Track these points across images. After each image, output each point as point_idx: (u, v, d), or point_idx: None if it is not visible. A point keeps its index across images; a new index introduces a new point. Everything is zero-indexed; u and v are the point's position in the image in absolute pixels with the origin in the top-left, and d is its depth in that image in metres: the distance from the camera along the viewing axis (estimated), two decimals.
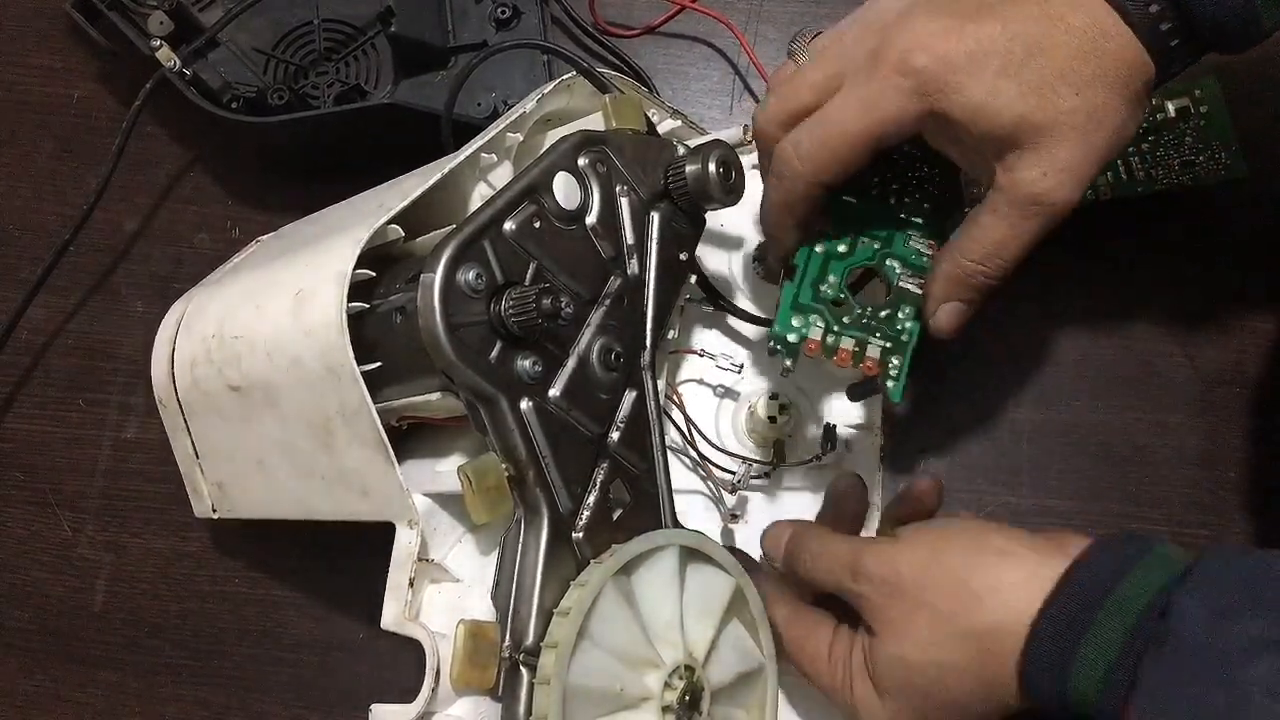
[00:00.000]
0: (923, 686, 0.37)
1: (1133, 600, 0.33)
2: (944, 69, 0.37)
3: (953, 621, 0.36)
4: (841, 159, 0.40)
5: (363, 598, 0.46)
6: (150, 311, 0.58)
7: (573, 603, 0.37)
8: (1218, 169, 0.52)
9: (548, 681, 0.36)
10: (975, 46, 0.37)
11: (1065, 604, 0.34)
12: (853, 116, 0.39)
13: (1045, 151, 0.38)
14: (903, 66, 0.38)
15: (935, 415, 0.53)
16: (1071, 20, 0.38)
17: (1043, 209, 0.38)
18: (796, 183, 0.41)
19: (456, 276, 0.37)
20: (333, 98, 0.55)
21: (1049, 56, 0.37)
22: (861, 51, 0.39)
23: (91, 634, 0.54)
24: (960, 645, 0.36)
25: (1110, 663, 0.33)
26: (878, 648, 0.38)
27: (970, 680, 0.36)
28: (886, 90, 0.38)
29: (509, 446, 0.38)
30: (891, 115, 0.38)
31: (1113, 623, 0.33)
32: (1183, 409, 0.52)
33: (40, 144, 0.62)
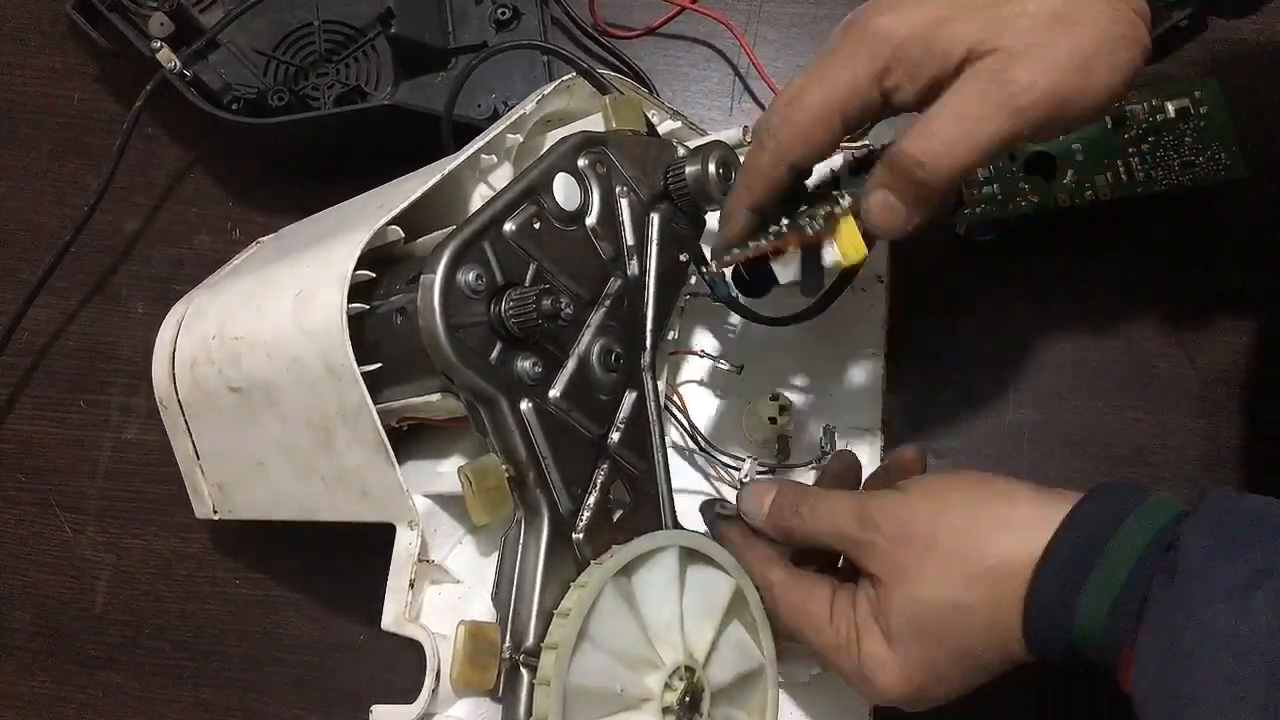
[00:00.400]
0: (936, 630, 0.37)
1: (1137, 535, 0.34)
2: (897, 19, 0.36)
3: (964, 562, 0.36)
4: (805, 132, 0.38)
5: (363, 599, 0.46)
6: (151, 312, 0.58)
7: (573, 603, 0.37)
8: (1218, 169, 0.52)
9: (548, 683, 0.36)
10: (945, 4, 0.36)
11: (1070, 541, 0.35)
12: (810, 85, 0.38)
13: (1010, 45, 0.34)
14: (860, 33, 0.37)
15: (935, 415, 0.53)
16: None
17: (1001, 91, 0.34)
18: (762, 159, 0.39)
19: (457, 277, 0.37)
20: (333, 99, 0.55)
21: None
22: (834, 39, 0.38)
23: (92, 635, 0.54)
24: (971, 585, 0.36)
25: (1115, 597, 0.33)
26: (888, 595, 0.38)
27: (981, 623, 0.36)
28: (841, 56, 0.37)
29: (509, 447, 0.38)
30: (848, 78, 0.37)
31: (1118, 556, 0.34)
32: (1183, 409, 0.52)
33: (41, 145, 0.62)
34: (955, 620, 0.36)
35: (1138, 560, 0.33)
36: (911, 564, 0.37)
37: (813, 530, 0.40)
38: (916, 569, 0.37)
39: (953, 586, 0.36)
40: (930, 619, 0.37)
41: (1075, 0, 0.36)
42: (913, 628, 0.37)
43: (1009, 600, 0.35)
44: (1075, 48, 0.35)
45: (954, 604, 0.36)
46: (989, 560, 0.36)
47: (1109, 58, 0.35)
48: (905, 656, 0.37)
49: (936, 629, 0.37)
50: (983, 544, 0.36)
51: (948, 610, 0.36)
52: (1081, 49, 0.35)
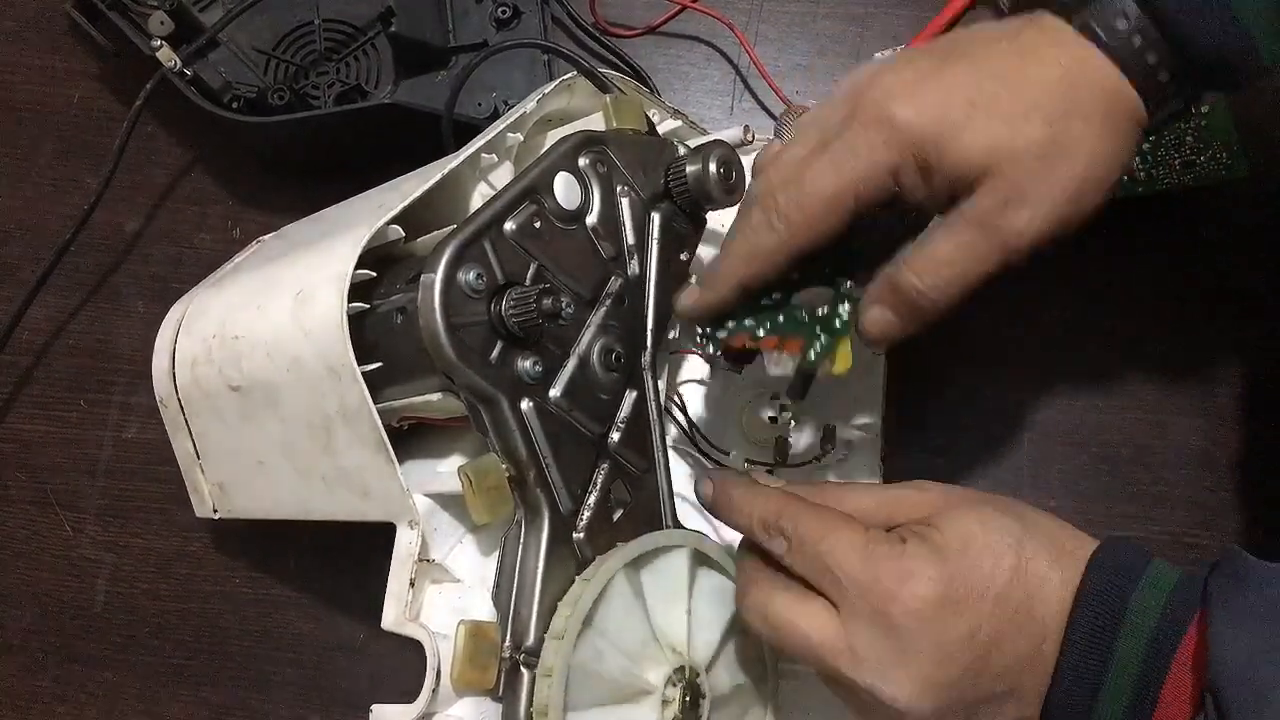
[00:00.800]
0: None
1: (1139, 637, 0.33)
2: (914, 114, 0.36)
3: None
4: (815, 219, 0.38)
5: (363, 598, 0.46)
6: (151, 311, 0.58)
7: (580, 591, 0.37)
8: (1218, 169, 0.52)
9: (550, 673, 0.36)
10: (946, 87, 0.36)
11: (1075, 656, 0.34)
12: (824, 176, 0.37)
13: (1010, 181, 0.36)
14: (874, 118, 0.37)
15: (935, 415, 0.53)
16: (1044, 53, 0.37)
17: (994, 236, 0.36)
18: (767, 239, 0.38)
19: (457, 277, 0.37)
20: (333, 98, 0.55)
21: (1021, 88, 0.36)
22: (838, 116, 0.38)
23: (92, 634, 0.54)
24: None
25: (1127, 704, 0.33)
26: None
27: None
28: (858, 144, 0.37)
29: (509, 447, 0.38)
30: (865, 169, 0.37)
31: (1126, 659, 0.33)
32: (1183, 409, 0.52)
33: (41, 144, 0.62)
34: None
35: (1145, 654, 0.33)
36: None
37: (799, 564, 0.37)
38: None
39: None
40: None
41: (1075, 118, 0.36)
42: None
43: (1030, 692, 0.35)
44: (1070, 181, 0.36)
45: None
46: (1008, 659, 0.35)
47: (1100, 183, 0.37)
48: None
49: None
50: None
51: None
52: (1076, 181, 0.36)
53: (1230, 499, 0.51)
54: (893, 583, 0.34)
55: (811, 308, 0.40)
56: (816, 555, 0.36)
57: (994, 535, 0.35)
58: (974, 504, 0.37)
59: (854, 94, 0.38)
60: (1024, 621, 0.35)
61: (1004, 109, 0.36)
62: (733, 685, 0.41)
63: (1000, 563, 0.35)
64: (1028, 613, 0.35)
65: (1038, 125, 0.36)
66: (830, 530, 0.36)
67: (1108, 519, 0.51)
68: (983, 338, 0.53)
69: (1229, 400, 0.52)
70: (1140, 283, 0.54)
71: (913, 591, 0.34)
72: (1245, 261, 0.54)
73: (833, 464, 0.48)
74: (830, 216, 0.38)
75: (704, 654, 0.40)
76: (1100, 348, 0.53)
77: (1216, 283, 0.54)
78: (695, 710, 0.39)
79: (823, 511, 0.37)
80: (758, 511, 0.38)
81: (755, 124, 0.55)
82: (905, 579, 0.35)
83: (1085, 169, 0.36)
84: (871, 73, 0.38)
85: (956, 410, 0.53)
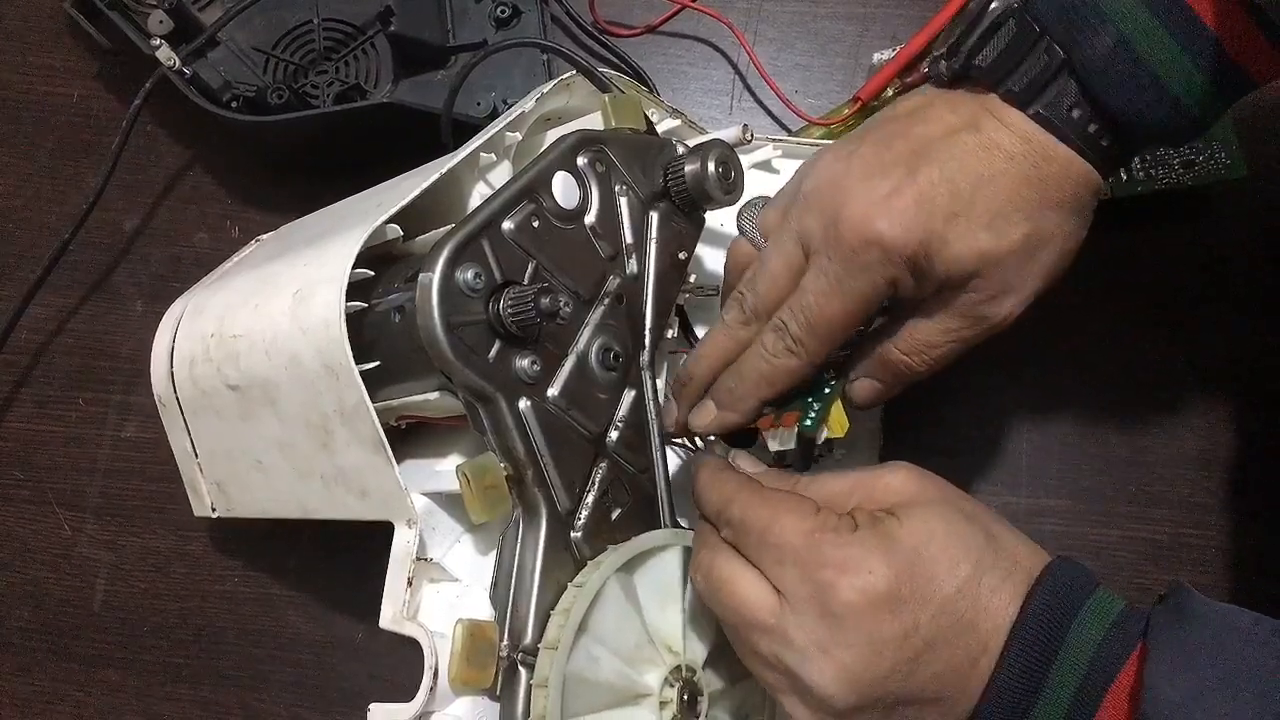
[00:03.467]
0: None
1: (1071, 673, 0.33)
2: (901, 231, 0.37)
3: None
4: (832, 339, 0.39)
5: (361, 597, 0.46)
6: (150, 310, 0.58)
7: (571, 602, 0.37)
8: (1218, 169, 0.52)
9: (545, 684, 0.36)
10: (925, 200, 0.37)
11: (1011, 673, 0.34)
12: (831, 302, 0.39)
13: (996, 279, 0.38)
14: (862, 239, 0.37)
15: (935, 415, 0.53)
16: (1010, 147, 0.38)
17: (981, 323, 0.39)
18: (788, 360, 0.40)
19: (455, 276, 0.37)
20: (332, 97, 0.55)
21: (995, 188, 0.38)
22: (816, 226, 0.39)
23: (91, 633, 0.54)
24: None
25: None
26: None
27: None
28: (854, 269, 0.38)
29: (507, 446, 0.38)
30: (867, 290, 0.38)
31: (1059, 688, 0.33)
32: (1183, 409, 0.52)
33: (40, 143, 0.62)
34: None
35: (1079, 685, 0.33)
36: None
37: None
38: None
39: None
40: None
41: (1048, 209, 0.38)
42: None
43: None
44: (1048, 266, 0.39)
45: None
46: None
47: (1071, 255, 0.40)
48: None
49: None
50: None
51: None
52: (1053, 264, 0.39)
53: (1228, 499, 0.51)
54: (834, 570, 0.34)
55: (811, 406, 0.41)
56: (761, 537, 0.36)
57: (954, 541, 0.35)
58: (943, 503, 0.36)
59: (827, 206, 0.39)
60: (964, 631, 0.34)
61: (984, 216, 0.37)
62: (731, 679, 0.41)
63: (954, 570, 0.35)
64: (970, 624, 0.34)
65: (1018, 225, 0.38)
66: (778, 513, 0.36)
67: (1107, 519, 0.51)
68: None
69: (1227, 400, 0.52)
70: (1140, 283, 0.54)
71: (852, 583, 0.34)
72: (1245, 261, 0.54)
73: (831, 465, 0.48)
74: (843, 333, 0.40)
75: (700, 651, 0.40)
76: (1100, 347, 0.53)
77: (1216, 283, 0.54)
78: (693, 709, 0.38)
79: (773, 496, 0.37)
80: (713, 496, 0.39)
81: (754, 123, 0.55)
82: (847, 568, 0.34)
83: (1060, 251, 0.39)
84: (836, 178, 0.39)
85: (956, 410, 0.53)
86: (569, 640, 0.36)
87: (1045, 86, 0.38)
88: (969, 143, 0.38)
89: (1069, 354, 0.53)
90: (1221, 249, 0.54)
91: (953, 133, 0.38)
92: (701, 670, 0.39)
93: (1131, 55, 0.36)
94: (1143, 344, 0.53)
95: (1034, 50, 0.38)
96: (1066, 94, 0.38)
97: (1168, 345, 0.53)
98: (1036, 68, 0.38)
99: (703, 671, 0.39)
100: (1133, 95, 0.37)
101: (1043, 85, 0.38)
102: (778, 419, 0.41)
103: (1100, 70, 0.37)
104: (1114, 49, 0.37)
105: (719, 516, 0.38)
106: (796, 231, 0.40)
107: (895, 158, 0.38)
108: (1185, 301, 0.54)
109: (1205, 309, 0.53)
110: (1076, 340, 0.53)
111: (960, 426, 0.53)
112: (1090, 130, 0.38)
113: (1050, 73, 0.37)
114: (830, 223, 0.38)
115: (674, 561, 0.40)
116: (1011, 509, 0.52)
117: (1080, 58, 0.37)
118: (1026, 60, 0.38)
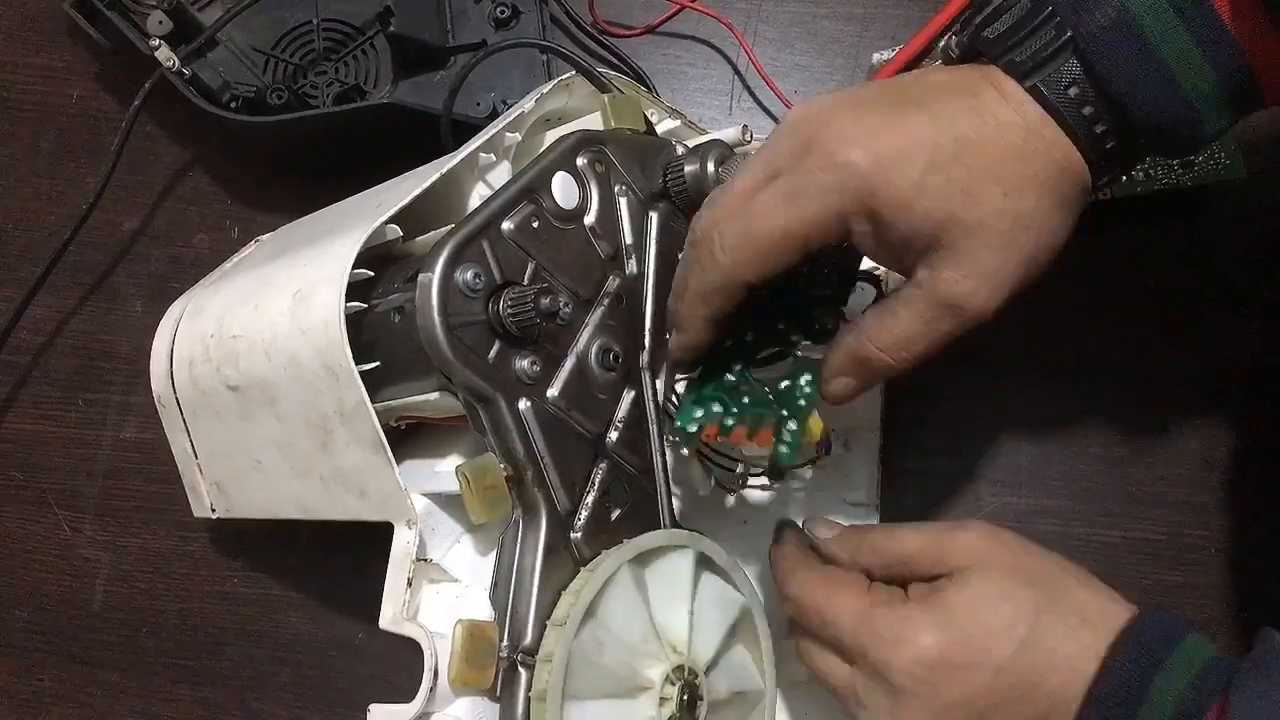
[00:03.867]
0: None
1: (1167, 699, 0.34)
2: (871, 164, 0.36)
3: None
4: (764, 255, 0.37)
5: (361, 597, 0.46)
6: (149, 311, 0.58)
7: (584, 581, 0.37)
8: (1217, 169, 0.52)
9: (550, 659, 0.36)
10: (903, 141, 0.36)
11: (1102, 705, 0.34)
12: (777, 210, 0.37)
13: (968, 255, 0.36)
14: (829, 162, 0.36)
15: (935, 415, 0.53)
16: (1002, 116, 0.36)
17: (957, 312, 0.37)
18: (716, 274, 0.38)
19: (454, 276, 0.37)
20: (332, 97, 0.55)
21: (979, 153, 0.36)
22: (789, 149, 0.38)
23: (90, 634, 0.54)
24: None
25: None
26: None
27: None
28: (810, 186, 0.36)
29: (507, 446, 0.38)
30: (815, 211, 0.36)
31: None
32: (1183, 409, 0.52)
33: (39, 143, 0.62)
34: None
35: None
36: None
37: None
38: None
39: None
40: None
41: (1030, 190, 0.36)
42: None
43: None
44: (1025, 255, 0.37)
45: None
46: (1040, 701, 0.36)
47: (1051, 252, 0.38)
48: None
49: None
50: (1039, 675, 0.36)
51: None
52: (1030, 254, 0.37)
53: (1229, 499, 0.51)
54: (888, 646, 0.36)
55: (773, 382, 0.41)
56: (821, 618, 0.39)
57: (1008, 605, 0.36)
58: (1005, 567, 0.37)
59: (806, 130, 0.37)
60: (1029, 690, 0.35)
61: (962, 176, 0.36)
62: (731, 693, 0.41)
63: (1010, 633, 0.36)
64: (1033, 684, 0.35)
65: (996, 197, 0.36)
66: (832, 596, 0.39)
67: (1108, 519, 0.51)
68: (982, 338, 0.53)
69: (1228, 400, 0.52)
70: (1140, 283, 0.54)
71: (907, 655, 0.36)
72: (1245, 261, 0.54)
73: (832, 464, 0.48)
74: (778, 252, 0.37)
75: (704, 656, 0.40)
76: (1100, 347, 0.53)
77: (1216, 283, 0.54)
78: (693, 711, 0.38)
79: (828, 576, 0.40)
80: (777, 575, 0.42)
81: (754, 124, 0.55)
82: (900, 641, 0.36)
83: (1038, 242, 0.37)
84: (824, 108, 0.38)
85: (957, 410, 0.53)
86: (577, 618, 0.36)
87: (1046, 61, 0.36)
88: (963, 105, 0.37)
89: (1069, 354, 0.53)
90: (1221, 249, 0.54)
91: (951, 94, 0.37)
92: (704, 676, 0.39)
93: (1131, 26, 0.35)
94: (1142, 344, 0.53)
95: (1042, 26, 0.37)
96: (1067, 71, 0.36)
97: (1167, 345, 0.53)
98: (1040, 42, 0.36)
99: (705, 678, 0.39)
100: (1128, 67, 0.36)
101: (1044, 60, 0.36)
102: (753, 433, 0.40)
103: (1097, 40, 0.36)
104: (1115, 20, 0.35)
105: (785, 600, 0.41)
106: (768, 156, 0.38)
107: (884, 99, 0.37)
108: (1185, 301, 0.53)
109: (1205, 309, 0.53)
110: (1076, 340, 0.53)
111: (960, 426, 0.53)
112: (1085, 112, 0.36)
113: (1053, 48, 0.36)
114: (805, 147, 0.37)
115: (686, 564, 0.40)
116: (1012, 509, 0.52)
117: (1083, 31, 0.36)
118: (1033, 35, 0.37)
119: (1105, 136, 0.37)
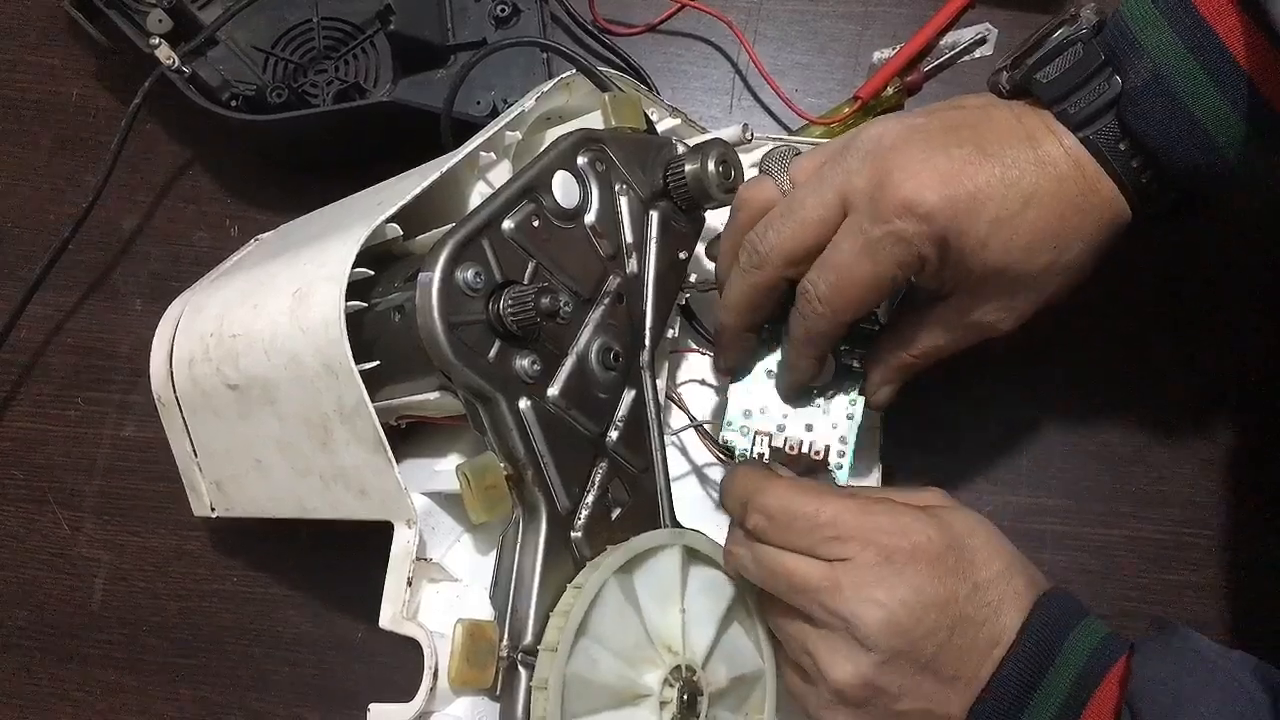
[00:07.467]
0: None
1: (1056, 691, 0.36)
2: (948, 213, 0.38)
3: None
4: (858, 303, 0.40)
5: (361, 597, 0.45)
6: (149, 310, 0.58)
7: (571, 604, 0.37)
8: None
9: (545, 686, 0.36)
10: (975, 190, 0.38)
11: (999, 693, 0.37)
12: (863, 264, 0.39)
13: (1009, 298, 0.40)
14: (908, 208, 0.38)
15: (935, 415, 0.53)
16: (1062, 168, 0.39)
17: (984, 331, 0.41)
18: (819, 322, 0.41)
19: (455, 275, 0.37)
20: (332, 96, 0.55)
21: (1041, 209, 0.38)
22: (861, 181, 0.39)
23: (90, 632, 0.54)
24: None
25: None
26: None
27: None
28: (891, 237, 0.38)
29: (507, 446, 0.38)
30: (899, 259, 0.39)
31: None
32: (1182, 409, 0.52)
33: (39, 142, 0.62)
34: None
35: (1073, 683, 0.36)
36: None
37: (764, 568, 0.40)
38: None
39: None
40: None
41: (1077, 241, 0.39)
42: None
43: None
44: (1049, 296, 0.41)
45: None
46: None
47: (1068, 290, 0.41)
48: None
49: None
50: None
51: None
52: (1052, 296, 0.41)
53: (1228, 498, 0.51)
54: (892, 534, 0.37)
55: (822, 390, 0.45)
56: (811, 520, 0.38)
57: (994, 539, 0.39)
58: (979, 517, 0.40)
59: (879, 164, 0.39)
60: (990, 618, 0.37)
61: (1025, 234, 0.38)
62: (730, 677, 0.41)
63: (990, 562, 0.38)
64: (995, 612, 0.37)
65: (1048, 253, 0.39)
66: (824, 499, 0.39)
67: (1108, 519, 0.51)
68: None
69: (1229, 400, 0.52)
70: (1140, 282, 0.54)
71: (911, 539, 0.37)
72: (1245, 262, 0.54)
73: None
74: (870, 297, 0.40)
75: (700, 650, 0.40)
76: (1100, 347, 0.53)
77: (1216, 282, 0.54)
78: (693, 708, 0.38)
79: (812, 485, 0.40)
80: (736, 489, 0.41)
81: (754, 122, 0.55)
82: (906, 532, 0.37)
83: (1068, 284, 0.41)
84: (896, 140, 0.39)
85: (956, 410, 0.53)
86: (568, 642, 0.36)
87: (1100, 114, 0.39)
88: (1028, 156, 0.39)
89: (1069, 354, 0.53)
90: (1221, 249, 0.54)
91: (1014, 139, 0.39)
92: (701, 669, 0.39)
93: (1165, 88, 0.37)
94: (1143, 344, 0.53)
95: (1097, 77, 0.39)
96: (1114, 128, 0.39)
97: (1168, 345, 0.53)
98: (1096, 95, 0.39)
99: (702, 670, 0.39)
100: (1165, 127, 0.38)
101: (1098, 113, 0.39)
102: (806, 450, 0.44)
103: (1135, 101, 0.38)
104: (1149, 81, 0.37)
105: (750, 506, 0.40)
106: (840, 184, 0.40)
107: (959, 143, 0.39)
108: (1185, 301, 0.53)
109: (1205, 309, 0.53)
110: (1077, 340, 0.53)
111: (960, 426, 0.53)
112: (1134, 165, 0.39)
113: (1106, 102, 0.38)
114: (879, 184, 0.38)
115: (673, 561, 0.40)
116: (1011, 509, 0.52)
117: (1125, 89, 0.38)
118: (1088, 86, 0.39)
119: (1149, 185, 0.39)
